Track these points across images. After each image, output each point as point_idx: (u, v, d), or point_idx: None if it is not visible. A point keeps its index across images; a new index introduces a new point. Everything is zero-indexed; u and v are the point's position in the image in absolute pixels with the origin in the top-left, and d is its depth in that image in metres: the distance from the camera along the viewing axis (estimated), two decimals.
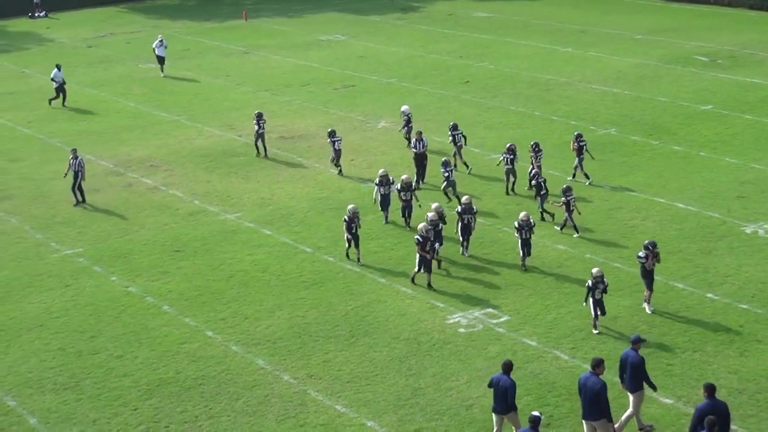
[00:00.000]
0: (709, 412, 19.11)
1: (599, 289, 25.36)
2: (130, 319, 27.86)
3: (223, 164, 40.06)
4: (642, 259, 26.41)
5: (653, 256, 26.41)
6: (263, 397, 23.74)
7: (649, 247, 26.46)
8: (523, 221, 29.13)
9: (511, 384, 20.68)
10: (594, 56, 54.98)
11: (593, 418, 20.33)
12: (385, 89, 50.29)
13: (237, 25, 69.56)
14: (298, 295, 28.73)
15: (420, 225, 28.83)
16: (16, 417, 23.42)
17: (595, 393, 20.10)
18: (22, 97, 52.34)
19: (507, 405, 20.77)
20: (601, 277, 25.25)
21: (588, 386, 20.24)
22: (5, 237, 34.01)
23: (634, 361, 21.11)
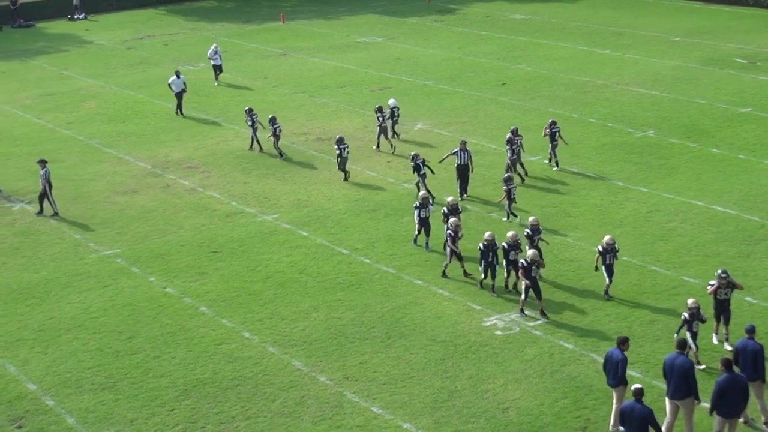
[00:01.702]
0: (729, 386, 19.93)
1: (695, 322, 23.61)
2: (167, 319, 27.95)
3: (260, 166, 40.12)
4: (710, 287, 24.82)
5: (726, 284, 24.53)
6: (300, 399, 23.74)
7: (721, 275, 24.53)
8: (608, 245, 27.22)
9: (623, 358, 21.24)
10: (631, 58, 54.70)
11: (680, 396, 20.74)
12: (422, 91, 50.22)
13: (275, 27, 69.68)
14: (335, 297, 28.73)
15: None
16: (54, 416, 23.53)
17: (685, 371, 20.59)
18: (62, 98, 52.62)
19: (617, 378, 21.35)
20: (697, 309, 23.41)
21: (677, 365, 20.71)
22: (44, 237, 34.21)
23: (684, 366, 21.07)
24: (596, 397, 23.07)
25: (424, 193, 32.04)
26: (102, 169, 40.87)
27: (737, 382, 20.18)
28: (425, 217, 31.28)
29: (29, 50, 65.78)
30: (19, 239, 34.17)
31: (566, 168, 37.74)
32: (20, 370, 25.64)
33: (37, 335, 27.46)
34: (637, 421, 19.49)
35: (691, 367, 20.71)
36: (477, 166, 36.58)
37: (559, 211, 33.68)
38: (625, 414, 19.75)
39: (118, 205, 36.80)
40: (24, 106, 51.46)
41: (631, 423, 19.62)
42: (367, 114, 46.19)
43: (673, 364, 20.77)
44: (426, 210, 31.26)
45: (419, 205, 31.28)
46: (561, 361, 24.69)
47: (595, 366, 24.35)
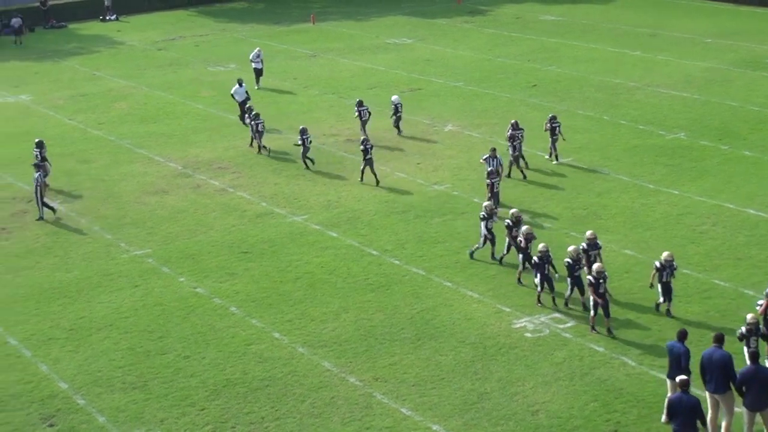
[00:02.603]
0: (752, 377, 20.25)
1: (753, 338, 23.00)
2: (197, 319, 28.06)
3: (290, 167, 40.19)
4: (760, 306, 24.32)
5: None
6: (329, 399, 23.78)
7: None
8: (666, 261, 26.28)
9: (685, 351, 21.45)
10: (663, 60, 54.50)
11: (721, 390, 20.82)
12: (452, 93, 50.20)
13: (305, 28, 69.80)
14: (365, 298, 28.76)
15: (595, 265, 26.27)
16: (85, 415, 23.67)
17: (723, 365, 20.62)
18: (94, 99, 52.87)
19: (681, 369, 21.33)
20: (756, 324, 22.92)
21: (715, 359, 20.71)
22: (76, 237, 34.39)
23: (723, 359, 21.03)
24: (626, 400, 23.01)
25: (489, 203, 31.09)
26: (133, 169, 41.04)
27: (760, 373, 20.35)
28: (491, 227, 30.39)
29: (61, 51, 66.14)
30: (51, 239, 34.37)
31: (596, 170, 37.65)
32: (52, 369, 25.80)
33: (68, 334, 27.63)
34: (687, 412, 19.55)
35: (730, 361, 20.66)
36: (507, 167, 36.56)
37: (589, 213, 33.61)
38: (674, 405, 19.80)
39: (149, 205, 36.96)
40: (56, 107, 51.75)
41: (680, 414, 19.63)
42: None
43: (711, 358, 20.78)
44: (492, 221, 30.44)
45: (486, 216, 30.38)
46: (591, 364, 24.64)
47: (625, 369, 24.32)
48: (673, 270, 26.36)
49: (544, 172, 37.91)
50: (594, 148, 40.09)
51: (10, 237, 34.72)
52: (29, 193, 38.02)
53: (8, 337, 27.67)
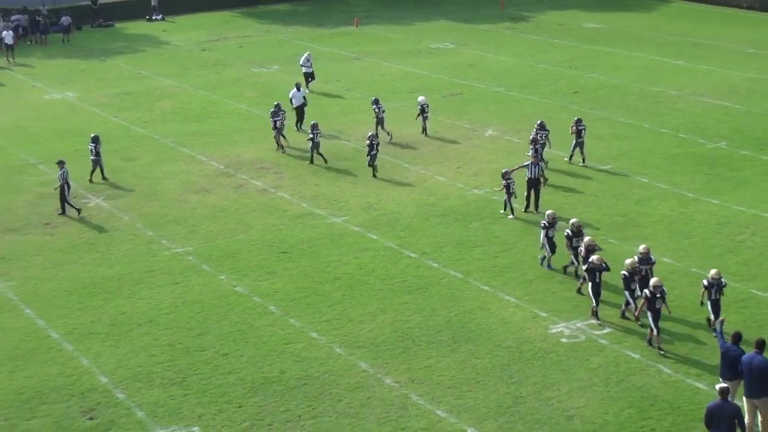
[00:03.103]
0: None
1: None
2: (236, 317, 28.18)
3: (331, 168, 40.28)
4: None
5: None
6: (365, 400, 23.83)
7: None
8: (714, 279, 25.61)
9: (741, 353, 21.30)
10: (705, 69, 54.22)
11: (758, 395, 20.85)
12: (493, 98, 50.17)
13: (348, 31, 69.92)
14: (402, 300, 28.80)
15: (628, 260, 26.59)
16: (124, 410, 23.83)
17: (762, 370, 20.63)
18: (138, 97, 53.19)
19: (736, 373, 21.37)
20: None
21: (754, 364, 20.71)
22: (118, 234, 34.63)
23: None
24: (661, 407, 22.94)
25: (552, 212, 30.62)
26: (175, 167, 41.26)
27: None
28: (552, 236, 30.12)
29: (107, 50, 66.55)
30: (95, 235, 34.62)
31: (636, 178, 37.53)
32: (92, 363, 25.99)
33: (109, 329, 27.82)
34: (727, 419, 19.53)
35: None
36: (550, 173, 36.48)
37: (628, 221, 33.52)
38: (715, 412, 19.74)
39: (191, 203, 37.15)
40: (101, 104, 52.10)
41: (721, 421, 19.60)
42: (438, 119, 46.22)
43: (750, 363, 20.74)
44: (553, 229, 30.10)
45: (548, 224, 30.10)
46: (627, 371, 24.57)
47: (661, 377, 24.23)
48: (721, 287, 25.79)
49: (584, 177, 37.83)
50: (634, 156, 39.94)
51: (55, 232, 35.00)
52: (74, 189, 38.28)
53: (50, 330, 27.90)
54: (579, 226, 29.54)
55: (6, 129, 47.98)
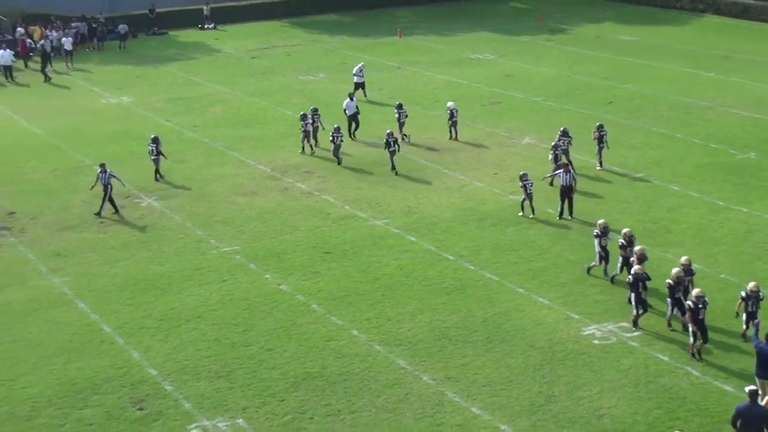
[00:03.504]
0: None
1: None
2: (281, 315, 28.25)
3: (373, 173, 40.30)
4: None
5: None
6: (403, 396, 23.83)
7: None
8: (752, 292, 25.11)
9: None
10: (736, 82, 53.81)
11: None
12: (531, 107, 50.00)
13: (392, 41, 69.91)
14: (440, 300, 28.77)
15: (674, 270, 26.16)
16: (172, 401, 23.95)
17: None
18: (190, 103, 53.43)
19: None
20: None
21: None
22: (169, 233, 34.79)
23: None
24: (689, 409, 22.81)
25: (603, 221, 29.79)
26: (224, 170, 41.42)
27: None
28: (605, 245, 29.46)
29: (161, 57, 66.90)
30: (147, 233, 34.81)
31: (667, 186, 37.31)
32: (143, 356, 26.14)
33: (159, 324, 27.97)
34: (756, 422, 19.43)
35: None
36: (581, 181, 36.34)
37: (660, 228, 33.32)
38: (744, 414, 19.63)
39: (238, 205, 37.27)
40: (155, 109, 52.39)
41: (750, 423, 19.51)
42: (477, 127, 46.17)
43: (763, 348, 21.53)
44: (606, 238, 29.44)
45: (600, 233, 29.45)
46: (656, 373, 24.44)
47: (689, 379, 24.09)
48: (759, 300, 25.30)
49: (616, 185, 37.65)
50: (666, 165, 39.72)
51: (108, 230, 35.22)
52: (127, 190, 38.56)
53: (103, 324, 28.09)
54: (631, 235, 29.03)
55: (64, 132, 48.36)
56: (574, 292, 29.00)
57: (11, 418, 23.60)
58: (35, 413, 23.77)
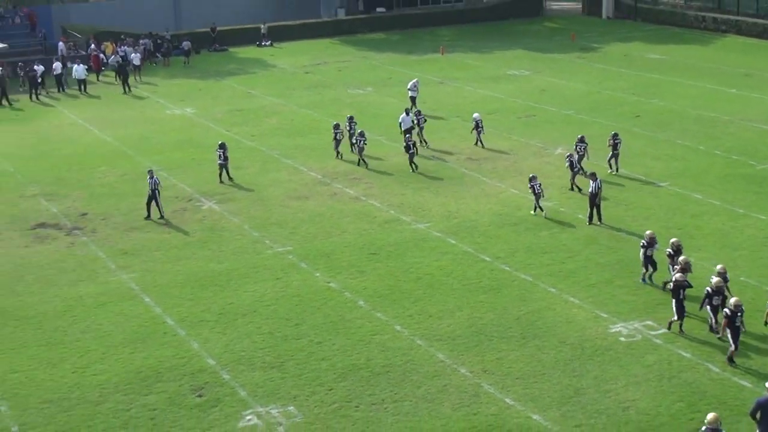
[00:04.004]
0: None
1: None
2: (330, 310, 28.30)
3: (415, 180, 40.28)
4: None
5: None
6: (442, 387, 23.81)
7: None
8: None
9: None
10: (757, 97, 53.28)
11: None
12: (564, 120, 49.76)
13: (435, 58, 69.84)
14: (477, 299, 28.72)
15: (714, 278, 25.71)
16: (229, 389, 24.06)
17: None
18: (248, 114, 53.66)
19: None
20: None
21: None
22: (228, 234, 34.96)
23: None
24: (709, 402, 22.62)
25: (650, 232, 29.22)
26: (279, 176, 41.57)
27: None
28: (651, 255, 28.87)
29: (222, 71, 67.26)
30: (207, 234, 35.00)
31: (691, 194, 37.03)
32: (202, 347, 26.29)
33: (217, 318, 28.12)
34: None
35: None
36: (609, 189, 36.15)
37: (683, 233, 33.03)
38: (764, 406, 19.58)
39: (292, 208, 37.39)
40: (216, 120, 52.67)
41: None
42: (513, 138, 46.06)
43: None
44: (652, 248, 28.87)
45: (646, 244, 28.89)
46: (678, 368, 24.27)
47: (709, 375, 23.91)
48: None
49: (642, 193, 37.41)
50: (689, 175, 39.42)
51: (172, 231, 35.45)
52: (190, 193, 38.82)
53: (166, 317, 28.29)
54: (678, 245, 28.54)
55: (133, 140, 48.74)
56: (602, 292, 28.85)
57: (82, 403, 23.83)
58: (103, 398, 23.98)
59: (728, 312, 24.20)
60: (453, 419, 22.44)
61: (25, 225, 36.64)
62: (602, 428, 21.89)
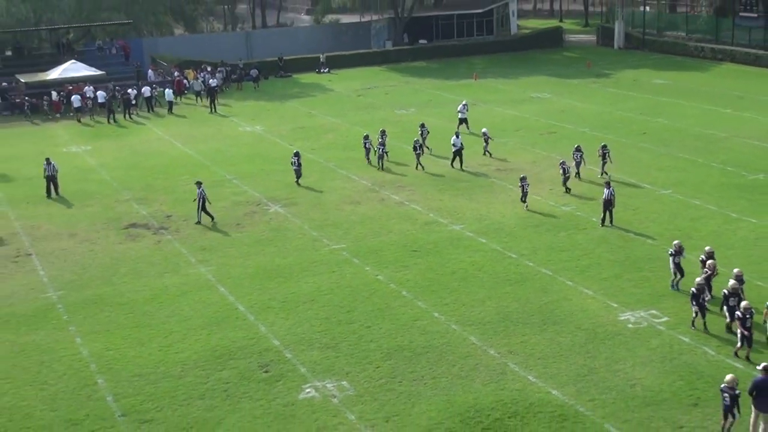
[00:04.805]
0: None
1: None
2: (377, 299, 28.32)
3: (452, 187, 40.22)
4: None
5: None
6: (473, 365, 23.75)
7: None
8: None
9: None
10: (749, 117, 52.58)
11: None
12: (580, 137, 49.24)
13: (469, 83, 69.63)
14: (504, 290, 28.61)
15: (731, 282, 24.69)
16: (291, 366, 24.15)
17: None
18: (309, 131, 53.78)
19: None
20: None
21: None
22: (291, 233, 35.08)
23: None
24: (706, 381, 22.40)
25: (678, 242, 28.02)
26: (335, 184, 41.65)
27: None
28: (678, 262, 27.69)
29: (286, 94, 67.52)
30: (273, 233, 35.15)
31: (690, 200, 36.63)
32: (268, 330, 26.42)
33: (281, 305, 28.24)
34: None
35: None
36: (619, 196, 35.84)
37: (683, 234, 32.69)
38: (760, 386, 19.47)
39: (345, 212, 37.45)
40: (281, 136, 52.87)
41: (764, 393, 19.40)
42: (536, 151, 45.83)
43: None
44: (680, 256, 27.65)
45: (675, 252, 27.72)
46: (679, 351, 24.05)
47: (706, 357, 23.66)
48: None
49: (648, 199, 37.06)
50: (689, 184, 39.00)
51: (244, 231, 35.66)
52: (258, 198, 39.01)
53: (238, 304, 28.46)
54: (710, 252, 27.39)
55: (210, 153, 49.08)
56: (612, 285, 28.63)
57: (166, 377, 24.04)
58: (184, 373, 24.17)
59: (740, 314, 23.45)
60: (483, 393, 22.38)
61: (120, 225, 37.04)
62: (612, 402, 21.74)
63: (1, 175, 45.98)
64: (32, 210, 39.76)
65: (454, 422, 21.23)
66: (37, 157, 47.70)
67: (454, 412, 21.63)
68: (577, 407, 21.62)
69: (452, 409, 21.73)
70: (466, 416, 21.44)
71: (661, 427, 20.73)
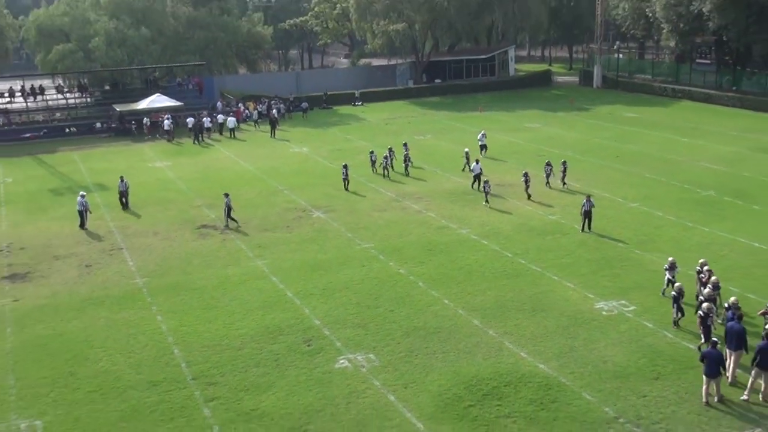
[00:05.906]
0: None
1: None
2: (399, 289, 28.28)
3: (461, 199, 40.11)
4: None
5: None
6: (476, 343, 23.68)
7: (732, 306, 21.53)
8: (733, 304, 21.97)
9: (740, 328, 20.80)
10: (702, 144, 52.11)
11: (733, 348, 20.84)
12: (564, 158, 49.03)
13: (474, 115, 69.38)
14: (501, 283, 28.49)
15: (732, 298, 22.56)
16: (329, 341, 24.19)
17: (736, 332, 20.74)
18: (345, 153, 53.70)
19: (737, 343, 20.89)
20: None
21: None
22: (330, 234, 35.10)
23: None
24: (665, 358, 22.28)
25: (672, 259, 26.74)
26: (366, 195, 41.57)
27: None
28: (672, 277, 26.17)
29: (327, 122, 67.60)
30: (315, 234, 35.19)
31: (654, 212, 36.33)
32: (311, 312, 26.45)
33: (321, 292, 28.26)
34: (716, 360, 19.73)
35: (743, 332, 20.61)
36: (598, 208, 35.58)
37: (647, 239, 32.48)
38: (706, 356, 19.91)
39: (374, 217, 37.43)
40: (322, 156, 52.91)
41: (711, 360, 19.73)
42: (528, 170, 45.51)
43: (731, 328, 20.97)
44: (673, 271, 26.22)
45: (668, 267, 26.42)
46: (643, 334, 23.88)
47: (666, 339, 23.47)
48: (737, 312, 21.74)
49: (619, 210, 36.77)
50: (653, 199, 38.70)
51: (292, 232, 35.72)
52: (304, 206, 39.04)
53: (287, 291, 28.51)
54: (703, 263, 25.61)
55: (267, 169, 49.21)
56: (590, 280, 28.46)
57: (228, 348, 24.13)
58: (243, 345, 24.26)
59: (701, 313, 22.44)
60: (483, 366, 22.32)
61: (193, 226, 37.22)
62: (588, 375, 21.61)
63: (99, 185, 46.34)
64: (124, 213, 40.04)
65: (460, 389, 21.18)
66: (128, 170, 48.03)
67: (459, 380, 21.58)
68: (559, 378, 21.52)
69: (458, 378, 21.69)
70: (469, 384, 21.39)
71: (628, 395, 20.58)
